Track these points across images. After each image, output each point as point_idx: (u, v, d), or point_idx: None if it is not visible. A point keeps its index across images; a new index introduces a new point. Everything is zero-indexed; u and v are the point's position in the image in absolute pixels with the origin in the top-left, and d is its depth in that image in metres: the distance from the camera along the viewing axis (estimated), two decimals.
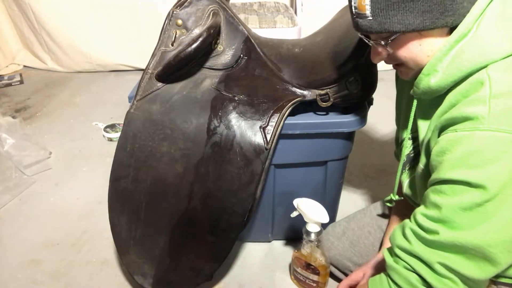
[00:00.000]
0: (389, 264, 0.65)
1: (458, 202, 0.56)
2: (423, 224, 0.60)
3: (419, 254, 0.60)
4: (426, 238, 0.59)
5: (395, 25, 0.59)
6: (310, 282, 0.98)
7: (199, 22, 0.89)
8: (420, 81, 0.64)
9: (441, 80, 0.61)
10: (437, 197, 0.58)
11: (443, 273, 0.58)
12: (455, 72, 0.59)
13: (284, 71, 0.91)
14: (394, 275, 0.64)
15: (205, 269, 0.90)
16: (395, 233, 0.66)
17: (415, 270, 0.61)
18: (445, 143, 0.58)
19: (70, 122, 1.85)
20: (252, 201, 0.86)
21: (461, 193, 0.55)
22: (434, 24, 0.59)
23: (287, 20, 1.79)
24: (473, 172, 0.54)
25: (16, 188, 1.39)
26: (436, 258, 0.59)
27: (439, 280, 0.59)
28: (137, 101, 0.89)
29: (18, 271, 1.09)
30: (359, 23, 0.63)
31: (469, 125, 0.55)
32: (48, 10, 2.18)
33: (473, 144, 0.54)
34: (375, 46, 0.67)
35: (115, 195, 0.91)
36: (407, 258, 0.62)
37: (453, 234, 0.57)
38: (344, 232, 0.97)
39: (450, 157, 0.57)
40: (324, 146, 0.93)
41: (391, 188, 0.83)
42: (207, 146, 0.86)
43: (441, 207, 0.58)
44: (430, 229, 0.59)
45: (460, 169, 0.55)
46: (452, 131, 0.58)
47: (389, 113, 1.79)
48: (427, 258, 0.59)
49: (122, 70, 2.36)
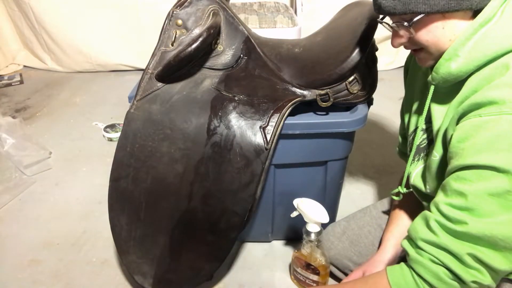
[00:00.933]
0: (413, 257, 0.63)
1: (485, 187, 0.54)
2: (449, 214, 0.58)
3: (448, 247, 0.58)
4: (454, 229, 0.57)
5: (419, 6, 0.58)
6: (310, 282, 0.98)
7: (199, 22, 0.89)
8: (440, 66, 0.63)
9: (462, 65, 0.60)
10: (461, 185, 0.57)
11: (472, 264, 0.57)
12: (478, 56, 0.58)
13: (284, 71, 0.92)
14: (419, 268, 0.62)
15: (205, 269, 0.90)
16: (416, 226, 0.64)
17: (443, 263, 0.59)
18: (468, 128, 0.56)
19: (70, 122, 1.85)
20: (252, 201, 0.86)
21: (488, 179, 0.54)
22: (459, 6, 0.57)
23: (287, 20, 1.79)
24: (500, 156, 0.53)
25: (16, 188, 1.39)
26: (466, 250, 0.57)
27: (468, 272, 0.57)
28: (137, 101, 0.89)
29: (18, 271, 1.09)
30: (382, 4, 0.62)
31: (494, 109, 0.54)
32: (48, 10, 2.18)
33: (500, 128, 0.53)
34: (396, 30, 0.65)
35: (115, 195, 0.91)
36: (434, 251, 0.60)
37: (482, 224, 0.55)
38: (344, 231, 0.97)
39: (475, 142, 0.55)
40: (324, 146, 0.93)
41: (391, 188, 0.83)
42: (207, 146, 0.86)
43: (466, 194, 0.56)
44: (458, 219, 0.57)
45: (486, 153, 0.54)
46: (476, 116, 0.56)
47: (389, 113, 1.80)
48: (456, 250, 0.57)
49: (122, 70, 2.36)
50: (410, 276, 0.63)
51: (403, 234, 0.86)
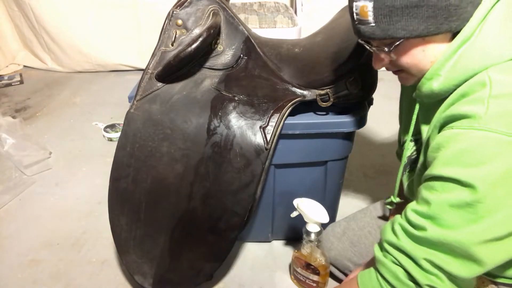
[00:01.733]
0: (378, 258, 0.66)
1: (447, 199, 0.56)
2: (412, 219, 0.61)
3: (406, 249, 0.61)
4: (414, 234, 0.60)
5: (398, 31, 0.59)
6: (310, 282, 0.98)
7: (199, 22, 0.89)
8: (422, 85, 0.64)
9: (443, 84, 0.61)
10: (428, 193, 0.59)
11: (429, 269, 0.59)
12: (457, 75, 0.59)
13: (284, 71, 0.91)
14: (382, 269, 0.65)
15: (205, 269, 0.90)
16: (385, 227, 0.67)
17: (401, 264, 0.62)
18: (441, 139, 0.58)
19: (70, 122, 1.85)
20: (252, 201, 0.86)
21: (451, 191, 0.56)
22: (438, 30, 0.58)
23: (287, 20, 1.79)
24: (465, 170, 0.54)
25: (16, 188, 1.39)
26: (422, 254, 0.59)
27: (425, 276, 0.60)
28: (137, 101, 0.89)
29: (18, 271, 1.09)
30: (361, 29, 0.62)
31: (465, 123, 0.55)
32: (48, 10, 2.18)
33: (467, 143, 0.54)
34: (377, 53, 0.66)
35: (115, 195, 0.91)
36: (395, 252, 0.63)
37: (441, 231, 0.57)
38: (344, 232, 0.97)
39: (444, 154, 0.57)
40: (324, 146, 0.93)
41: (391, 188, 0.83)
42: (207, 146, 0.86)
43: (430, 203, 0.58)
44: (418, 225, 0.59)
45: (452, 166, 0.55)
46: (449, 128, 0.58)
47: (389, 113, 1.80)
48: (413, 253, 0.60)
49: (122, 70, 2.36)
50: (375, 277, 0.67)
51: None
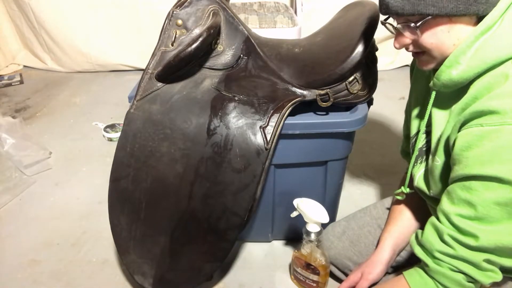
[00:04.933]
0: (433, 268, 0.66)
1: (492, 197, 0.57)
2: (460, 225, 0.61)
3: (465, 258, 0.62)
4: (468, 244, 0.61)
5: (428, 8, 0.58)
6: (310, 282, 0.98)
7: (199, 22, 0.89)
8: (441, 73, 0.64)
9: (463, 72, 0.61)
10: (468, 194, 0.59)
11: (488, 267, 0.61)
12: (478, 64, 0.59)
13: (284, 71, 0.91)
14: (441, 278, 0.65)
15: (205, 269, 0.90)
16: (430, 238, 0.67)
17: (461, 270, 0.63)
18: (471, 137, 0.58)
19: (70, 122, 1.85)
20: (252, 201, 0.86)
21: (494, 189, 0.56)
22: (467, 10, 0.58)
23: (287, 20, 1.79)
24: (505, 167, 0.54)
25: (16, 188, 1.39)
26: (482, 257, 0.61)
27: (485, 275, 0.62)
28: (137, 101, 0.89)
29: (18, 271, 1.09)
30: (389, 4, 0.62)
31: (496, 119, 0.55)
32: (48, 10, 2.18)
33: (503, 139, 0.54)
34: (400, 31, 0.65)
35: (115, 195, 0.91)
36: (452, 261, 0.64)
37: (492, 234, 0.58)
38: (344, 231, 0.97)
39: (478, 152, 0.57)
40: (324, 146, 0.93)
41: (391, 188, 0.84)
42: (207, 146, 0.86)
43: (475, 204, 0.59)
44: (469, 232, 0.60)
45: (490, 164, 0.55)
46: (477, 125, 0.57)
47: (389, 113, 1.80)
48: (474, 260, 0.61)
49: (122, 70, 2.36)
50: (433, 285, 0.67)
51: (401, 234, 0.86)
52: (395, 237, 0.85)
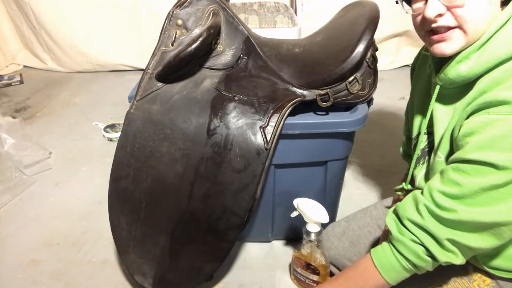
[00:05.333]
0: (395, 236, 0.66)
1: (481, 182, 0.56)
2: (440, 201, 0.61)
3: (430, 230, 0.61)
4: (441, 216, 0.60)
5: None
6: (310, 282, 0.98)
7: (199, 22, 0.89)
8: (450, 68, 0.64)
9: (472, 67, 0.61)
10: (458, 176, 0.59)
11: (449, 247, 0.61)
12: (488, 59, 0.59)
13: (284, 71, 0.92)
14: (400, 247, 0.65)
15: (205, 269, 0.90)
16: (405, 205, 0.66)
17: (422, 243, 0.62)
18: (475, 124, 0.58)
19: (70, 122, 1.85)
20: (252, 201, 0.86)
21: (485, 174, 0.56)
22: None
23: (287, 20, 1.79)
24: (503, 155, 0.54)
25: (16, 188, 1.39)
26: (446, 235, 0.60)
27: (444, 254, 0.61)
28: (137, 101, 0.89)
29: (18, 271, 1.09)
30: None
31: (504, 109, 0.55)
32: (48, 10, 2.18)
33: (507, 128, 0.54)
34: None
35: (115, 195, 0.91)
36: (417, 231, 0.63)
37: (472, 212, 0.57)
38: (344, 231, 0.97)
39: (479, 138, 0.57)
40: (324, 146, 0.93)
41: (391, 188, 0.84)
42: (207, 146, 0.86)
43: (461, 185, 0.58)
44: (447, 207, 0.60)
45: (488, 150, 0.55)
46: (485, 113, 0.57)
47: (389, 113, 1.80)
48: (437, 234, 0.61)
49: (122, 70, 2.36)
50: (391, 255, 0.67)
51: None
52: None
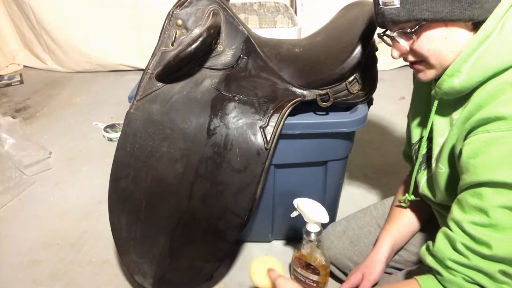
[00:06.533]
0: (447, 277, 0.63)
1: (503, 202, 0.55)
2: (473, 233, 0.59)
3: (479, 267, 0.59)
4: (482, 252, 0.59)
5: (423, 13, 0.59)
6: (310, 282, 0.98)
7: (199, 22, 0.89)
8: (443, 82, 0.64)
9: (465, 80, 0.61)
10: (479, 201, 0.58)
11: (503, 279, 0.59)
12: (480, 72, 0.59)
13: (284, 71, 0.92)
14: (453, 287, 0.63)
15: (205, 269, 0.90)
16: (441, 247, 0.64)
17: (475, 281, 0.60)
18: (477, 144, 0.57)
19: (70, 122, 1.85)
20: (252, 201, 0.86)
21: (504, 194, 0.55)
22: (462, 15, 0.58)
23: (287, 20, 1.79)
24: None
25: (16, 188, 1.39)
26: (496, 268, 0.58)
27: (499, 286, 0.59)
28: (137, 101, 0.89)
29: (18, 271, 1.09)
30: (385, 12, 0.62)
31: (502, 125, 0.55)
32: (48, 10, 2.18)
33: (511, 145, 0.54)
34: (397, 40, 0.65)
35: (115, 195, 0.91)
36: (466, 271, 0.61)
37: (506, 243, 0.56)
38: (344, 231, 0.97)
39: (486, 159, 0.56)
40: (324, 146, 0.93)
41: (391, 188, 0.84)
42: (207, 146, 0.86)
43: (486, 210, 0.57)
44: (482, 240, 0.58)
45: (499, 170, 0.55)
46: (483, 132, 0.57)
47: (389, 113, 1.80)
48: (488, 270, 0.59)
49: (122, 70, 2.36)
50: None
51: (400, 233, 0.86)
52: (394, 236, 0.85)
